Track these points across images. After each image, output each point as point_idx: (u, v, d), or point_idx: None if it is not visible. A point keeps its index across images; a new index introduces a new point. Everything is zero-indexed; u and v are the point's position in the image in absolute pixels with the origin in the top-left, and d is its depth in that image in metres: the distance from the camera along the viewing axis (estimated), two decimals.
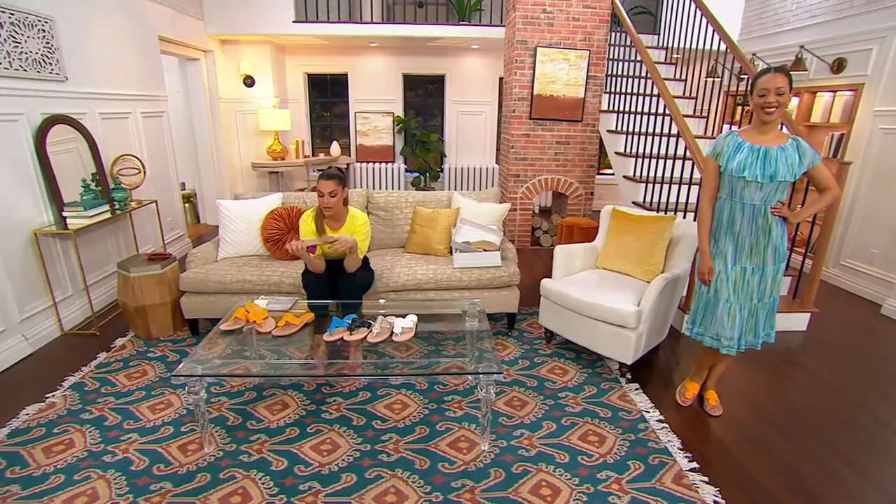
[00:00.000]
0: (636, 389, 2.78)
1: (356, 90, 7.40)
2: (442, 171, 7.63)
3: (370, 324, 2.49)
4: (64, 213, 3.25)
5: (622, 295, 2.83)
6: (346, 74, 7.33)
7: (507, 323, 3.50)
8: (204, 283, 3.15)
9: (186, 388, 2.07)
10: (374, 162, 7.56)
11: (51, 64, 3.36)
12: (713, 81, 5.24)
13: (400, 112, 7.53)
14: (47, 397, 2.62)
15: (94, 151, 3.62)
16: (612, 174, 7.80)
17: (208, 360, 2.20)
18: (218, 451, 2.20)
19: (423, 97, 7.80)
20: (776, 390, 2.84)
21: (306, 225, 2.87)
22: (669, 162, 4.17)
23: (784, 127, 3.56)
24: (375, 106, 7.45)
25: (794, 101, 5.10)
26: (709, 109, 4.78)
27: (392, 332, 2.42)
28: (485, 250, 3.28)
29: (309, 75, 7.41)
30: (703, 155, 3.38)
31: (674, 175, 4.05)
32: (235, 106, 6.42)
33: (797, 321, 3.61)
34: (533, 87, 5.20)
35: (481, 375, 2.12)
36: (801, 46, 4.86)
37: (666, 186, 4.11)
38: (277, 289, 3.18)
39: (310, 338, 2.60)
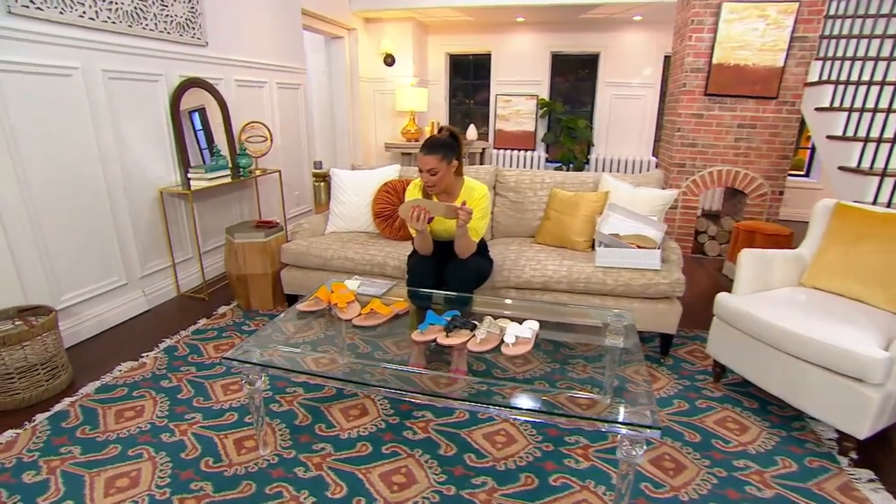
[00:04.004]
0: (870, 481, 1.79)
1: (499, 71, 6.88)
2: (588, 162, 6.75)
3: (475, 325, 1.90)
4: (188, 175, 3.23)
5: (857, 330, 1.85)
6: (490, 54, 6.85)
7: (659, 346, 2.66)
8: (304, 257, 2.86)
9: (242, 377, 1.69)
10: (512, 149, 6.97)
11: (193, 28, 3.37)
12: None
13: (545, 95, 6.83)
14: (142, 357, 2.53)
15: (225, 117, 3.60)
16: (802, 174, 6.23)
17: (272, 345, 1.82)
18: (274, 455, 1.81)
19: (573, 81, 7.00)
20: None
21: (413, 195, 2.39)
22: None
23: None
24: (519, 88, 6.85)
25: None
26: None
27: (502, 341, 1.80)
28: (639, 247, 2.49)
29: (451, 56, 7.08)
30: None
31: None
32: (374, 85, 6.33)
33: None
34: (712, 54, 4.14)
35: (623, 427, 1.41)
36: None
37: None
38: (380, 270, 2.78)
39: (409, 330, 2.12)
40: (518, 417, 1.95)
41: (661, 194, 2.78)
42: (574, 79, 7.02)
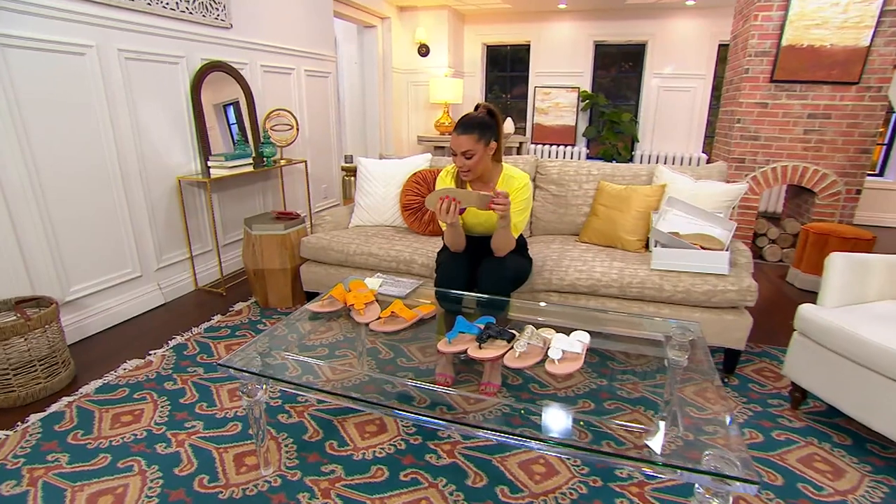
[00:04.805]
0: None
1: (538, 62, 6.53)
2: (632, 158, 6.34)
3: (513, 336, 1.61)
4: (209, 163, 3.06)
5: None
6: (529, 44, 6.51)
7: (722, 363, 2.30)
8: (325, 252, 2.64)
9: (241, 386, 1.46)
10: (551, 144, 6.61)
11: (217, 9, 3.20)
12: None
13: (587, 87, 6.44)
14: (149, 354, 2.35)
15: (249, 103, 3.43)
16: (875, 174, 5.63)
17: (279, 350, 1.59)
18: (276, 475, 1.57)
19: (616, 74, 6.58)
20: None
21: (444, 184, 2.12)
22: None
23: None
24: (559, 80, 6.48)
25: None
26: None
27: (546, 356, 1.51)
28: (703, 248, 2.14)
29: (488, 48, 6.78)
30: None
31: None
32: (408, 77, 6.10)
33: None
34: (781, 35, 3.71)
35: (700, 476, 1.09)
36: None
37: None
38: (407, 268, 2.52)
39: (436, 336, 1.86)
40: (563, 455, 1.64)
41: (727, 189, 2.42)
42: (617, 72, 6.60)
